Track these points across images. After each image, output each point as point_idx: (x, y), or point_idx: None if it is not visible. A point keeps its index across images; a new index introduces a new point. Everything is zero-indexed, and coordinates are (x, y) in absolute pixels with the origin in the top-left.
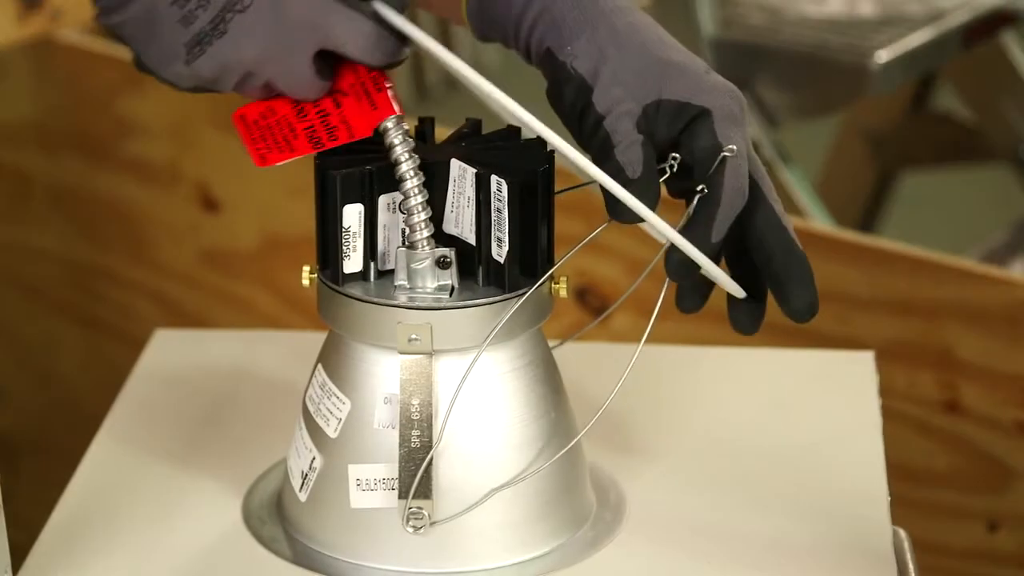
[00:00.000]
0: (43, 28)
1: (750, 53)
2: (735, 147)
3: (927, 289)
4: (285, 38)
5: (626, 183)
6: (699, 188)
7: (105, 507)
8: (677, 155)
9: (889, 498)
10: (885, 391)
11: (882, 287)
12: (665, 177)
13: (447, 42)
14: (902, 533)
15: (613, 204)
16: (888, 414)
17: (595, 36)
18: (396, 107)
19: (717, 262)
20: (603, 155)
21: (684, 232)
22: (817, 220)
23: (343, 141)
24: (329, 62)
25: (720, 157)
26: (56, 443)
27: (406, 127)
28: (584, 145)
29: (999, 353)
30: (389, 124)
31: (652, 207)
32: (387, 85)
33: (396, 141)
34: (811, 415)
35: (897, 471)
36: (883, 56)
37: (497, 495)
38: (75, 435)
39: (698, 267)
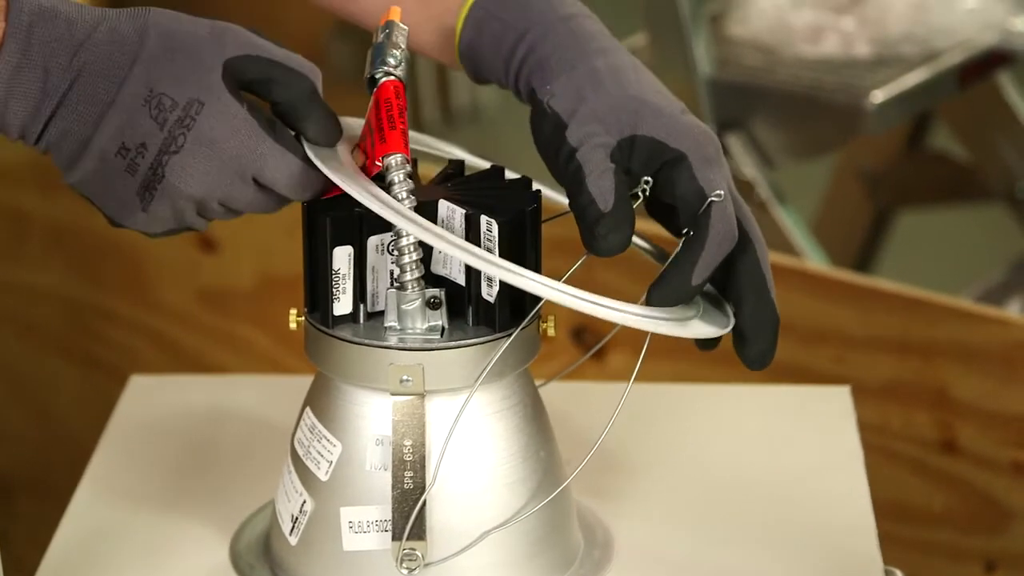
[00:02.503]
0: None
1: (746, 93)
2: (722, 192)
3: (923, 329)
4: (221, 172)
5: (599, 216)
6: (685, 231)
7: (93, 555)
8: (649, 179)
9: (876, 531)
10: (881, 431)
11: (878, 327)
12: (639, 203)
13: (444, 84)
14: (899, 574)
15: (589, 237)
16: (884, 454)
17: (574, 76)
18: (404, 147)
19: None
20: (575, 185)
21: (666, 272)
22: (813, 259)
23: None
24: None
25: (707, 202)
26: (54, 483)
27: (409, 168)
28: (559, 178)
29: (995, 393)
30: (392, 161)
31: (627, 238)
32: (401, 126)
33: (396, 179)
34: (793, 451)
35: (894, 511)
36: (878, 96)
37: (487, 536)
38: (73, 475)
39: (679, 303)
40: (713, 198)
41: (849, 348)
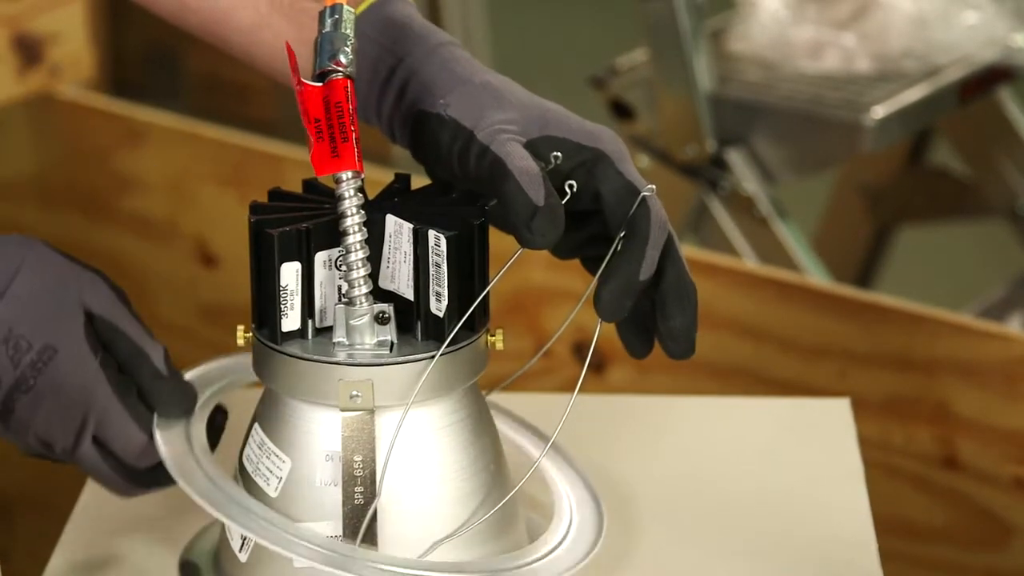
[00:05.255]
0: (42, 84)
1: (747, 109)
2: (653, 186)
3: (924, 345)
4: (65, 421)
5: (534, 210)
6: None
7: (94, 569)
8: (573, 182)
9: (877, 545)
10: (882, 446)
11: (879, 342)
12: (566, 200)
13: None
14: None
15: (523, 232)
16: (885, 469)
17: (468, 88)
18: (357, 161)
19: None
20: (499, 178)
21: (611, 272)
22: (814, 275)
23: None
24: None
25: (640, 197)
26: (53, 499)
27: (360, 183)
28: (472, 179)
29: (996, 409)
30: (344, 176)
31: (561, 230)
32: (353, 135)
33: (346, 194)
34: (793, 463)
35: (895, 527)
36: (879, 112)
37: (436, 551)
38: (72, 490)
39: (626, 306)
40: (646, 192)
41: (850, 363)
